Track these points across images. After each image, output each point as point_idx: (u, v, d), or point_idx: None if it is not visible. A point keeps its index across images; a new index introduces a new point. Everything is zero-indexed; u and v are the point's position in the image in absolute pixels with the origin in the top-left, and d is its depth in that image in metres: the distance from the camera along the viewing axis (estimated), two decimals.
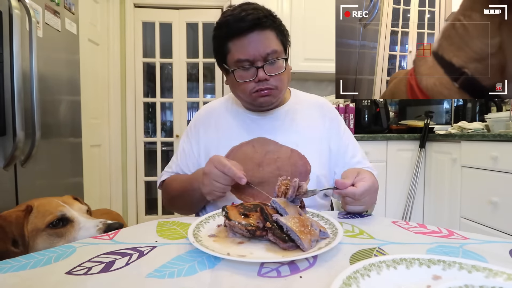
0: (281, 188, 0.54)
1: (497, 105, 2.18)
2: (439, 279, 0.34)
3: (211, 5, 2.65)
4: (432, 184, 2.20)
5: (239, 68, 0.75)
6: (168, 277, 0.37)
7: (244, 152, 0.80)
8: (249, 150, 0.81)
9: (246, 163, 0.78)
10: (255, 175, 0.78)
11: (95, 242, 0.49)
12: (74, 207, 0.69)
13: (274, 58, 0.74)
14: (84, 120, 1.76)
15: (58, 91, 1.48)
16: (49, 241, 0.62)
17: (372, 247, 0.44)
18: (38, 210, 0.64)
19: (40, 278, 0.37)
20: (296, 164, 0.80)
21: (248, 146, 0.81)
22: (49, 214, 0.63)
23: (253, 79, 0.74)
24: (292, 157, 0.80)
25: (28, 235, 0.61)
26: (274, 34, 0.75)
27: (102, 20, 2.41)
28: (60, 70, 1.49)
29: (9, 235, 0.58)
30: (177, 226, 0.57)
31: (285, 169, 0.79)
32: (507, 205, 1.59)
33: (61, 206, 0.66)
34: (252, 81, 0.75)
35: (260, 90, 0.75)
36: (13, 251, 0.58)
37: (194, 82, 2.96)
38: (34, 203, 0.66)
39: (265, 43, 0.73)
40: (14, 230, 0.59)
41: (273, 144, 0.82)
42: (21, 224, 0.60)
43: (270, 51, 0.73)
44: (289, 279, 0.36)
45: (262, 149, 0.81)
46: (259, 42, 0.73)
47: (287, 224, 0.44)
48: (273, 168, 0.79)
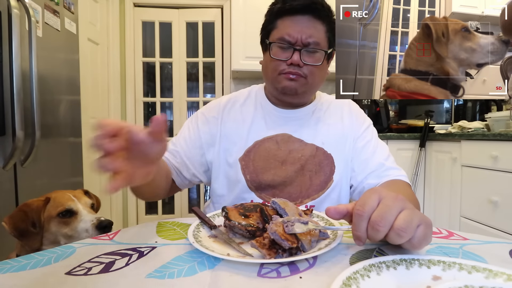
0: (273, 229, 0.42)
1: (497, 104, 2.18)
2: (439, 279, 0.34)
3: (211, 5, 2.64)
4: (432, 184, 2.20)
5: (278, 45, 0.73)
6: (168, 278, 0.37)
7: (267, 149, 0.77)
8: (272, 147, 0.78)
9: (269, 160, 0.76)
10: (277, 173, 0.75)
11: (94, 243, 0.49)
12: (81, 201, 0.82)
13: (315, 48, 0.73)
14: (84, 119, 1.76)
15: (58, 91, 1.48)
16: (59, 227, 0.77)
17: (372, 248, 0.44)
18: (54, 201, 0.79)
19: (40, 279, 0.37)
20: (321, 164, 0.77)
21: (271, 142, 0.78)
22: (60, 205, 0.78)
23: (287, 60, 0.72)
24: (317, 156, 0.78)
25: (44, 220, 0.76)
26: (323, 28, 0.73)
27: (102, 20, 2.41)
28: (60, 69, 1.49)
29: (30, 218, 0.75)
30: (177, 227, 0.57)
31: (310, 169, 0.77)
32: (507, 204, 1.59)
33: (71, 200, 0.80)
34: (284, 62, 0.73)
35: (289, 73, 0.73)
36: (32, 231, 0.74)
37: (194, 82, 2.96)
38: (52, 195, 0.80)
39: (311, 30, 0.72)
40: (34, 215, 0.75)
41: (298, 142, 0.79)
42: (39, 212, 0.76)
43: (312, 41, 0.72)
44: (289, 280, 0.36)
45: (286, 147, 0.78)
46: (306, 27, 0.71)
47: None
48: (297, 167, 0.76)
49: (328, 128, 0.81)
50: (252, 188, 0.76)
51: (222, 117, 0.82)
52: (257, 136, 0.79)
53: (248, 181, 0.76)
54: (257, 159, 0.77)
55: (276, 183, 0.75)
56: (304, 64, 0.72)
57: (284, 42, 0.72)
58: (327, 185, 0.77)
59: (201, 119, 0.83)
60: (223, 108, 0.83)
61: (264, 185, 0.75)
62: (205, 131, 0.81)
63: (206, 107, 0.87)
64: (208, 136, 0.81)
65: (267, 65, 0.78)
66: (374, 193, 0.39)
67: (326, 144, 0.79)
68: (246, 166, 0.77)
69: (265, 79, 0.82)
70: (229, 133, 0.80)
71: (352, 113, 0.85)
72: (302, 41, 0.72)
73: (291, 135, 0.79)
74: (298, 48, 0.72)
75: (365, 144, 0.80)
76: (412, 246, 0.37)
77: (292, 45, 0.72)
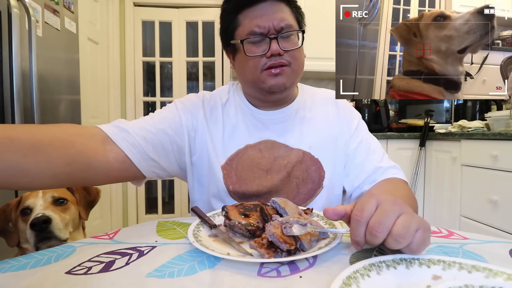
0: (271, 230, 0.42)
1: (497, 104, 2.19)
2: (439, 279, 0.34)
3: (211, 4, 2.64)
4: (432, 183, 2.20)
5: (250, 41, 0.66)
6: (168, 277, 0.37)
7: (250, 157, 0.72)
8: (256, 155, 0.72)
9: (253, 169, 0.71)
10: (262, 183, 0.70)
11: (95, 242, 0.50)
12: (45, 196, 0.81)
13: (290, 31, 0.67)
14: (84, 119, 1.76)
15: (58, 90, 1.48)
16: (22, 224, 0.79)
17: (372, 247, 0.44)
18: (22, 199, 0.81)
19: (39, 278, 0.37)
20: (308, 170, 0.72)
21: (254, 150, 0.73)
22: (23, 203, 0.80)
23: (265, 53, 0.65)
24: (304, 162, 0.73)
25: (16, 218, 0.80)
26: (289, 9, 0.68)
27: (102, 19, 2.41)
28: (60, 69, 1.49)
29: (8, 218, 0.80)
30: (177, 226, 0.57)
31: (296, 176, 0.72)
32: (507, 203, 1.59)
33: (30, 197, 0.81)
34: (263, 56, 0.66)
35: (272, 66, 0.66)
36: (9, 229, 0.79)
37: (194, 81, 2.96)
38: (26, 194, 0.83)
39: (279, 14, 0.66)
40: (10, 214, 0.80)
41: (283, 147, 0.73)
42: (11, 210, 0.80)
43: (284, 25, 0.66)
44: (289, 279, 0.36)
45: (270, 154, 0.72)
46: (272, 12, 0.65)
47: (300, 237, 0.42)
48: (283, 175, 0.71)
49: (314, 129, 0.75)
50: (235, 197, 0.71)
51: (205, 114, 0.74)
52: (239, 144, 0.73)
53: (231, 191, 0.71)
54: (239, 169, 0.71)
55: (262, 193, 0.70)
56: (285, 51, 0.66)
57: (256, 35, 0.66)
58: (316, 192, 0.73)
59: (181, 108, 0.73)
60: (206, 105, 0.76)
61: (248, 195, 0.70)
62: (188, 118, 0.72)
63: (186, 98, 0.78)
64: (190, 125, 0.72)
65: (243, 66, 0.70)
66: (372, 198, 0.39)
67: (313, 148, 0.74)
68: (228, 175, 0.71)
69: (243, 83, 0.75)
70: (211, 134, 0.73)
71: (339, 108, 0.79)
72: (274, 28, 0.65)
73: (275, 140, 0.74)
74: (273, 36, 0.65)
75: (358, 146, 0.75)
76: (410, 251, 0.38)
77: (266, 35, 0.65)
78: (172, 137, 0.69)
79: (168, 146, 0.68)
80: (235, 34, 0.69)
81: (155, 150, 0.65)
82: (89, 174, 0.57)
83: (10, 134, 0.47)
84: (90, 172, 0.56)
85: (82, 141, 0.55)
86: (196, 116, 0.73)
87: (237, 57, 0.72)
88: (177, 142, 0.70)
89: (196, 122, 0.73)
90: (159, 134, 0.66)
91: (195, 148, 0.72)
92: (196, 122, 0.73)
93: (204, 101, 0.76)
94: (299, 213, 0.50)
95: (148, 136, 0.65)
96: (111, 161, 0.59)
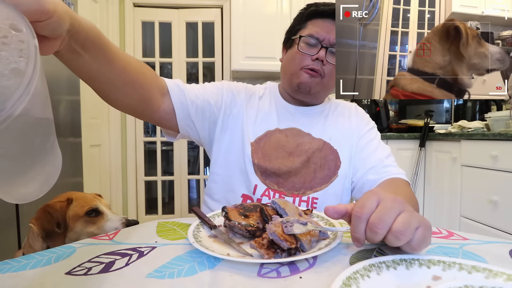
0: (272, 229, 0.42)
1: (497, 104, 2.19)
2: (439, 279, 0.34)
3: (211, 5, 2.65)
4: (432, 183, 2.20)
5: (306, 40, 0.78)
6: (168, 278, 0.37)
7: (277, 139, 0.81)
8: (282, 138, 0.82)
9: (277, 150, 0.80)
10: (284, 163, 0.78)
11: (94, 243, 0.49)
12: (101, 202, 0.85)
13: None
14: (84, 119, 1.76)
15: (58, 91, 1.48)
16: (85, 226, 0.79)
17: (372, 248, 0.44)
18: (77, 202, 0.81)
19: (40, 279, 0.37)
20: (326, 158, 0.81)
21: (281, 134, 0.82)
22: (86, 205, 0.81)
23: (312, 55, 0.77)
24: (324, 150, 0.81)
25: (70, 220, 0.78)
26: None
27: (102, 20, 2.41)
28: (59, 69, 1.49)
29: (55, 219, 0.76)
30: (177, 227, 0.57)
31: (315, 162, 0.80)
32: (507, 204, 1.59)
33: (95, 200, 0.83)
34: (310, 57, 0.77)
35: (311, 69, 0.77)
36: (56, 231, 0.76)
37: (194, 82, 2.96)
38: (73, 196, 0.82)
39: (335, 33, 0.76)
40: (59, 216, 0.77)
41: (307, 136, 0.83)
42: (64, 212, 0.78)
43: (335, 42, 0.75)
44: (289, 280, 0.36)
45: (294, 140, 0.82)
46: (333, 29, 0.75)
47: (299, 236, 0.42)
48: (303, 159, 0.79)
49: (335, 125, 0.85)
50: (257, 172, 0.78)
51: (245, 98, 0.85)
52: (269, 126, 0.83)
53: (255, 164, 0.79)
54: (266, 147, 0.80)
55: (282, 172, 0.78)
56: (327, 62, 0.77)
57: (313, 38, 0.77)
58: (331, 179, 0.80)
59: (226, 87, 0.85)
60: (248, 92, 0.87)
61: (269, 172, 0.78)
62: (229, 96, 0.83)
63: (232, 82, 0.89)
64: (229, 103, 0.83)
65: (291, 59, 0.82)
66: (373, 195, 0.40)
67: (333, 139, 0.82)
68: (255, 151, 0.80)
69: (283, 75, 0.86)
70: (248, 115, 0.84)
71: (358, 114, 0.90)
72: (329, 40, 0.76)
73: (300, 129, 0.83)
74: (325, 45, 0.76)
75: (368, 143, 0.83)
76: (411, 249, 0.38)
77: (320, 42, 0.77)
78: (212, 107, 0.80)
79: (207, 113, 0.79)
80: (298, 33, 0.81)
81: (196, 113, 0.77)
82: (143, 105, 0.71)
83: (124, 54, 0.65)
84: (144, 105, 0.71)
85: (149, 86, 0.72)
86: (236, 98, 0.84)
87: (289, 51, 0.84)
88: (215, 113, 0.81)
89: (235, 103, 0.83)
90: (203, 102, 0.78)
91: (227, 125, 0.82)
92: (235, 102, 0.83)
93: (246, 88, 0.88)
94: (299, 213, 0.50)
95: (195, 100, 0.76)
96: (161, 109, 0.72)
